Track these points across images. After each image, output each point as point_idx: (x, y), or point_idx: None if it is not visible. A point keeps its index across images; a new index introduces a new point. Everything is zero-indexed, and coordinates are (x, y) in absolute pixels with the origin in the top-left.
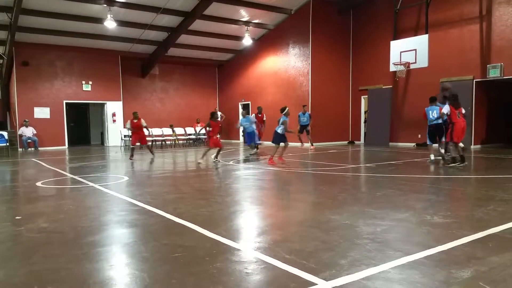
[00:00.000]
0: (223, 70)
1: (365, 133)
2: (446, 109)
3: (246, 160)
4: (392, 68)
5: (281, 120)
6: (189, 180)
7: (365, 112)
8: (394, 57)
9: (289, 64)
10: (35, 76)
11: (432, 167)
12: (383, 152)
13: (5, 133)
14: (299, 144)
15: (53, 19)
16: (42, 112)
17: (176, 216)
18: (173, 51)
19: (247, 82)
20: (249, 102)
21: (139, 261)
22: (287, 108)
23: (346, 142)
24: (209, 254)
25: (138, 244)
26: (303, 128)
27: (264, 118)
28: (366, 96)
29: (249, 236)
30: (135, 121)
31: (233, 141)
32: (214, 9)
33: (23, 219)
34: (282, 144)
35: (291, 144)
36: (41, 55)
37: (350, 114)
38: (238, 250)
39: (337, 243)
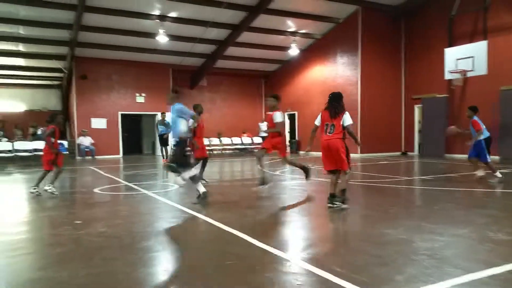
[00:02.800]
0: (270, 80)
1: (419, 143)
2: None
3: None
4: (448, 76)
5: None
6: (236, 189)
7: (419, 122)
8: (449, 64)
9: (337, 73)
10: (92, 88)
11: (492, 181)
12: (439, 164)
13: (65, 142)
14: None
15: (109, 34)
16: (99, 123)
17: (225, 224)
18: (221, 63)
19: (294, 92)
20: (296, 112)
21: (191, 268)
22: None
23: (398, 153)
24: (259, 263)
25: (190, 250)
26: None
27: None
28: (419, 105)
29: (298, 247)
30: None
31: None
32: (261, 21)
33: (82, 224)
34: None
35: None
36: (98, 69)
37: (403, 124)
38: (287, 260)
39: (392, 258)
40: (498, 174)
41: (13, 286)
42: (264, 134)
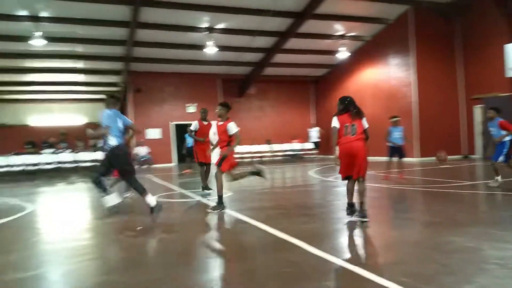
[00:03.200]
0: (319, 85)
1: (483, 146)
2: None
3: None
4: (509, 73)
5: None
6: (289, 195)
7: (481, 123)
8: (511, 61)
9: (389, 75)
10: (146, 101)
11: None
12: (504, 167)
13: None
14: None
15: (160, 48)
16: (154, 133)
17: (280, 231)
18: (268, 71)
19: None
20: None
21: (248, 274)
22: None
23: (459, 156)
24: (317, 271)
25: (246, 257)
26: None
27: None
28: (479, 105)
29: (358, 255)
30: (205, 123)
31: (331, 156)
32: (308, 26)
33: (143, 230)
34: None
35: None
36: (152, 82)
37: (463, 126)
38: (347, 269)
39: (460, 266)
40: (499, 178)
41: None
42: (316, 140)
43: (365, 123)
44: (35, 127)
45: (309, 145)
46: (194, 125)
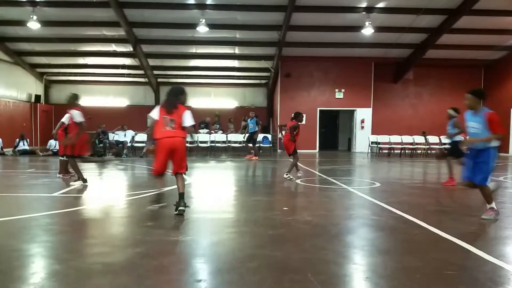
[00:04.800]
0: (491, 70)
1: None
2: None
3: None
4: None
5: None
6: (449, 193)
7: None
8: None
9: None
10: (295, 86)
11: None
12: None
13: (269, 136)
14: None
15: (314, 32)
16: None
17: (441, 230)
18: (430, 53)
19: None
20: None
21: (407, 271)
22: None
23: None
24: (490, 280)
25: (402, 252)
26: None
27: None
28: None
29: None
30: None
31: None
32: (485, 2)
33: (289, 210)
34: None
35: None
36: (302, 67)
37: None
38: None
39: None
40: None
41: (238, 258)
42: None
43: (186, 119)
44: (194, 109)
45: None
46: None
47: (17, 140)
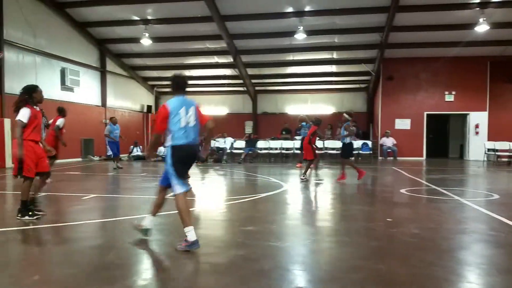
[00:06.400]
0: None
1: None
2: None
3: None
4: None
5: None
6: None
7: None
8: None
9: None
10: (398, 89)
11: None
12: None
13: (369, 142)
14: None
15: (420, 32)
16: (402, 123)
17: None
18: None
19: None
20: None
21: None
22: None
23: None
24: None
25: None
26: None
27: None
28: None
29: None
30: None
31: None
32: None
33: (394, 222)
34: None
35: None
36: (406, 69)
37: None
38: None
39: None
40: None
41: (340, 268)
42: None
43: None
44: (291, 115)
45: None
46: None
47: (131, 146)
